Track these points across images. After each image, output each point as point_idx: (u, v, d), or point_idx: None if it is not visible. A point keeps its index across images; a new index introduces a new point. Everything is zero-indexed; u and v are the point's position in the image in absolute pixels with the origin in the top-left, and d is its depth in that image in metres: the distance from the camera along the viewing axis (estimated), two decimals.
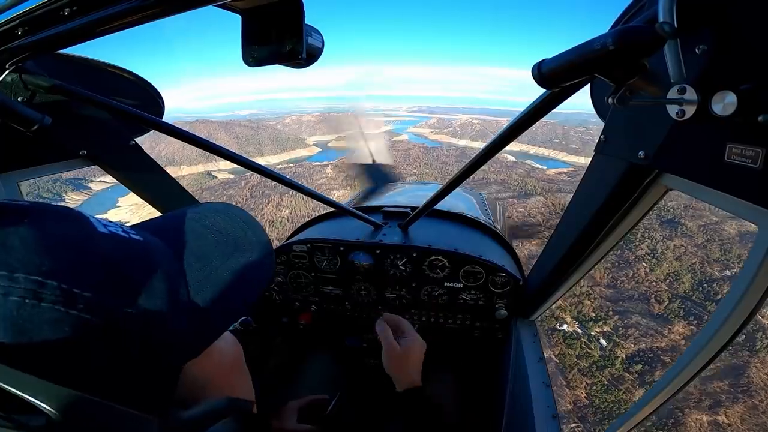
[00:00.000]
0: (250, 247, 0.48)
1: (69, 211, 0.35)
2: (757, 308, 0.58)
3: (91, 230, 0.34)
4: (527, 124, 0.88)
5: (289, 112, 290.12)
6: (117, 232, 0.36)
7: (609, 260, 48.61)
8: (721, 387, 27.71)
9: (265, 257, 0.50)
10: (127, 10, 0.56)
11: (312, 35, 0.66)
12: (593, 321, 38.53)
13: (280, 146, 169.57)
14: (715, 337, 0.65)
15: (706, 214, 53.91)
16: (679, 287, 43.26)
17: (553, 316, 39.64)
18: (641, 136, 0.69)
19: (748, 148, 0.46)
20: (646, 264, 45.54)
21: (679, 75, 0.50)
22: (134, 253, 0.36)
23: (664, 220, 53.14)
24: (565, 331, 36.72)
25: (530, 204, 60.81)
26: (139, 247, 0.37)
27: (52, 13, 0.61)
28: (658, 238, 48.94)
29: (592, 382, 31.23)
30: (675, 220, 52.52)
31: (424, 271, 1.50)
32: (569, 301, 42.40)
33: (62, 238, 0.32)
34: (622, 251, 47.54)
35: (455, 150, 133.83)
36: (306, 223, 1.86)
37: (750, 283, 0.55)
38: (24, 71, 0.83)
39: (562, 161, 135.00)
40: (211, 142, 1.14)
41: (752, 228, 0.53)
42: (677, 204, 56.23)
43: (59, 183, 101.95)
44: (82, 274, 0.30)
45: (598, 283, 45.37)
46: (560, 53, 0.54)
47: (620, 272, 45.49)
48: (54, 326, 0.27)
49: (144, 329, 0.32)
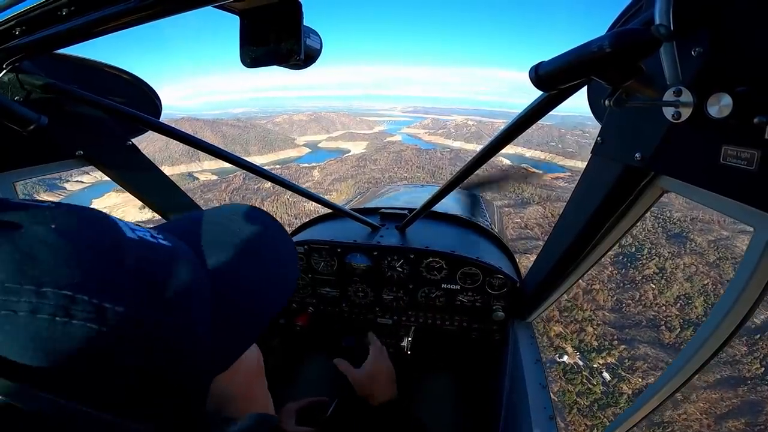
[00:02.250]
0: (275, 254, 0.46)
1: (97, 214, 0.33)
2: (753, 309, 0.59)
3: (120, 236, 0.32)
4: (524, 126, 0.88)
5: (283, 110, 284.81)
6: (145, 236, 0.34)
7: (613, 281, 44.00)
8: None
9: (290, 265, 0.48)
10: (126, 11, 0.55)
11: (310, 37, 0.66)
12: (596, 351, 34.29)
13: (267, 146, 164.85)
14: (711, 339, 0.66)
15: (716, 228, 49.92)
16: (692, 312, 39.36)
17: (552, 346, 35.04)
18: (637, 138, 0.69)
19: (744, 150, 0.46)
20: (655, 285, 41.45)
21: (675, 77, 0.50)
22: (164, 260, 0.34)
23: (671, 234, 49.18)
24: (566, 363, 32.65)
25: (528, 214, 56.92)
26: (168, 253, 0.35)
27: (49, 14, 0.60)
28: (666, 255, 44.91)
29: (593, 424, 27.28)
30: (683, 234, 48.60)
31: (421, 272, 1.50)
32: (570, 328, 37.74)
33: (92, 246, 0.29)
34: (627, 270, 43.36)
35: (449, 152, 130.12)
36: (303, 225, 1.84)
37: (746, 284, 0.56)
38: (21, 71, 0.83)
39: (558, 165, 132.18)
40: (209, 143, 1.13)
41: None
42: (683, 215, 52.15)
43: (30, 183, 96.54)
44: (114, 287, 0.28)
45: (601, 307, 40.98)
46: (557, 56, 0.54)
47: (626, 294, 41.27)
48: (86, 345, 0.25)
49: (176, 342, 0.30)
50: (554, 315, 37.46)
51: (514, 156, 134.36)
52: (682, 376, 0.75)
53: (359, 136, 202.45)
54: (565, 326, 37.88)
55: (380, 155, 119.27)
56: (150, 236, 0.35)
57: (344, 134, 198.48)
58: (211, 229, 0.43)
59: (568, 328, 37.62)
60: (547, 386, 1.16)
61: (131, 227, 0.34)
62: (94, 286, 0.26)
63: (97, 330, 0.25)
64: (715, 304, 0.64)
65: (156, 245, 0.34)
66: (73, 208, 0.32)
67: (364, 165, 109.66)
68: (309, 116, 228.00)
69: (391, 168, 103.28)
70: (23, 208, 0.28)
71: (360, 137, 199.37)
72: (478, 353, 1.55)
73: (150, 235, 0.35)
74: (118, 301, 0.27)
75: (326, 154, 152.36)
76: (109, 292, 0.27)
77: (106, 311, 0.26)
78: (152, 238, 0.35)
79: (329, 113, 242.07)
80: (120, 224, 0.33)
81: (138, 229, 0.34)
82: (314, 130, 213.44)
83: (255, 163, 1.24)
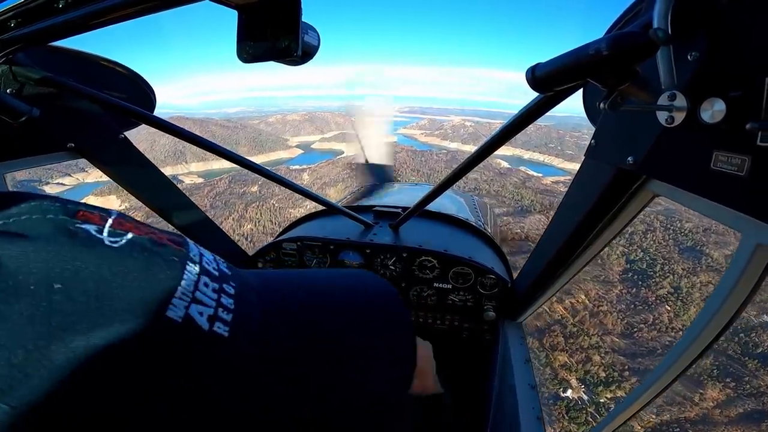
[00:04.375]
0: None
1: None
2: (739, 311, 0.60)
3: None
4: (520, 127, 0.89)
5: (279, 110, 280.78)
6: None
7: (623, 301, 39.65)
8: None
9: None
10: (123, 3, 0.55)
11: (308, 33, 0.66)
12: (603, 384, 30.14)
13: (257, 147, 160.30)
14: (698, 339, 0.67)
15: (732, 241, 45.96)
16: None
17: (555, 379, 30.62)
18: (631, 141, 0.70)
19: (735, 156, 0.46)
20: (670, 307, 37.41)
21: (670, 81, 0.51)
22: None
23: (683, 247, 45.32)
24: (569, 398, 28.53)
25: (528, 223, 53.06)
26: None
27: (46, 5, 0.60)
28: (681, 272, 40.99)
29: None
30: (696, 248, 44.75)
31: (413, 271, 1.50)
32: (576, 357, 33.25)
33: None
34: (639, 289, 39.29)
35: (445, 154, 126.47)
36: (297, 221, 1.84)
37: (733, 287, 0.57)
38: (14, 63, 0.83)
39: (557, 168, 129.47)
40: (204, 138, 1.12)
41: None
42: (694, 226, 48.26)
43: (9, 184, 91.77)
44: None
45: (609, 331, 36.76)
46: (554, 57, 0.54)
47: (638, 317, 37.18)
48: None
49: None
50: (559, 342, 33.34)
51: (512, 157, 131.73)
52: (670, 375, 0.76)
53: (353, 136, 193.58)
54: (570, 355, 33.67)
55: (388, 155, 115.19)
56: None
57: (338, 135, 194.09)
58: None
59: (574, 357, 33.49)
60: (536, 386, 1.17)
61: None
62: None
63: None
64: (703, 305, 0.65)
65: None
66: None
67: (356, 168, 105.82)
68: (303, 116, 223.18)
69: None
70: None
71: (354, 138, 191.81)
72: (469, 353, 1.54)
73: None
74: None
75: (319, 155, 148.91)
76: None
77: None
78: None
79: (324, 113, 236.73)
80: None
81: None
82: (308, 130, 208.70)
83: (246, 158, 1.22)
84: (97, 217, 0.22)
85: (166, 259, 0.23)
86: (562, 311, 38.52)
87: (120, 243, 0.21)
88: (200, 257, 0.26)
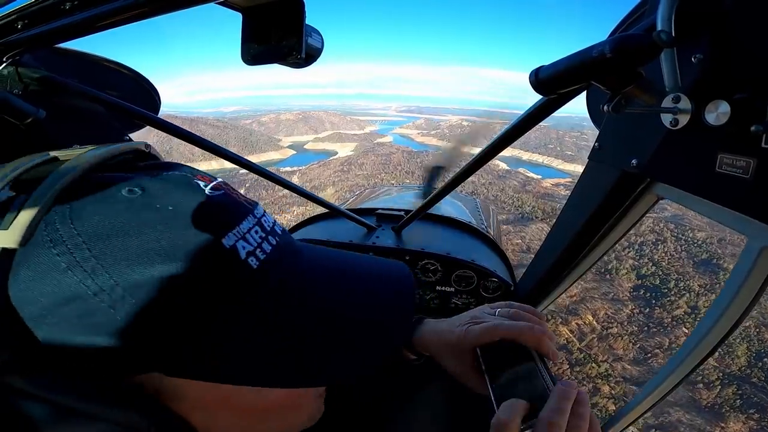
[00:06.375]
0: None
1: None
2: (744, 315, 0.60)
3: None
4: (522, 130, 0.89)
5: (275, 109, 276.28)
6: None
7: (635, 322, 35.55)
8: None
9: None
10: (129, 5, 0.55)
11: (312, 35, 0.66)
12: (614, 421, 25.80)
13: (247, 148, 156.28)
14: (701, 345, 0.68)
15: None
16: (733, 363, 31.80)
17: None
18: (634, 144, 0.69)
19: (739, 158, 0.46)
20: (688, 329, 33.67)
21: (674, 84, 0.51)
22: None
23: (698, 260, 41.66)
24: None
25: (530, 233, 49.44)
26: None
27: (52, 7, 0.60)
28: (697, 290, 37.34)
29: None
30: (712, 260, 41.10)
31: (416, 274, 1.49)
32: (582, 388, 28.76)
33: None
34: (652, 309, 35.53)
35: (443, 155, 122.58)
36: (299, 224, 1.83)
37: (737, 291, 0.57)
38: (20, 64, 0.84)
39: (557, 169, 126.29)
40: (209, 141, 1.13)
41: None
42: (708, 236, 44.54)
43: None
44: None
45: (620, 357, 32.82)
46: (557, 60, 0.54)
47: (652, 340, 33.45)
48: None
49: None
50: (564, 372, 29.48)
51: (511, 158, 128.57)
52: (676, 377, 0.76)
53: (348, 136, 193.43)
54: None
55: (367, 158, 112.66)
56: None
57: (332, 135, 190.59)
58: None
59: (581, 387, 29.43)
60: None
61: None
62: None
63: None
64: (707, 309, 0.66)
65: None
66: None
67: (348, 170, 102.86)
68: (297, 115, 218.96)
69: (378, 173, 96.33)
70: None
71: (349, 138, 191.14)
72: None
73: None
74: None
75: (312, 156, 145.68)
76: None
77: None
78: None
79: (318, 112, 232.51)
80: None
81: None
82: (302, 130, 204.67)
83: (247, 159, 1.22)
84: (208, 179, 0.36)
85: (237, 209, 0.35)
86: (567, 334, 34.51)
87: (214, 194, 0.34)
88: (262, 215, 0.38)
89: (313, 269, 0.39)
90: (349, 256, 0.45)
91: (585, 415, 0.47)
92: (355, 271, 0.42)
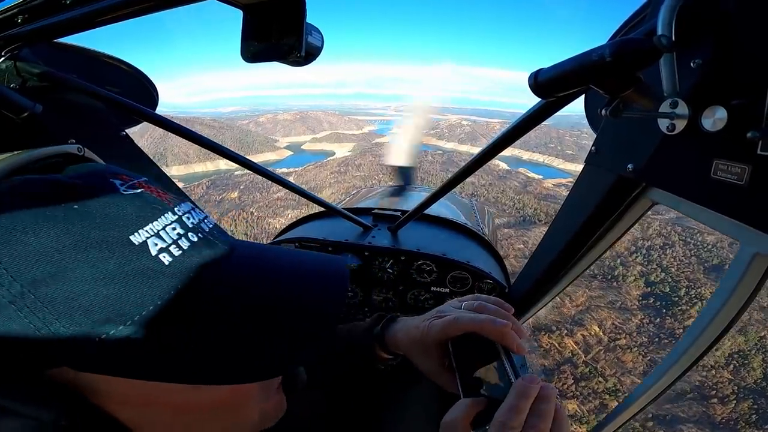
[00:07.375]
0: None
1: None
2: (735, 320, 0.61)
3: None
4: (522, 132, 0.90)
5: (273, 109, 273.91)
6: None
7: (645, 332, 33.54)
8: None
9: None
10: (129, 1, 0.56)
11: (312, 34, 0.67)
12: None
13: (243, 149, 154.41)
14: (692, 348, 0.68)
15: None
16: (748, 376, 29.98)
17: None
18: (631, 148, 0.70)
19: (735, 164, 0.46)
20: None
21: (672, 89, 0.51)
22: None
23: (708, 266, 39.79)
24: None
25: (532, 237, 47.55)
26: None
27: (53, 2, 0.61)
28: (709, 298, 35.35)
29: None
30: (723, 266, 39.27)
31: (411, 275, 1.51)
32: (588, 405, 27.38)
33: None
34: (663, 318, 33.64)
35: (441, 155, 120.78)
36: (295, 222, 1.83)
37: (729, 296, 0.58)
38: (19, 58, 0.84)
39: (558, 169, 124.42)
40: (205, 137, 1.13)
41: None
42: (717, 239, 42.66)
43: None
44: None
45: (628, 370, 30.85)
46: (557, 63, 0.55)
47: (663, 352, 31.46)
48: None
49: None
50: (569, 387, 27.50)
51: (511, 158, 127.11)
52: (668, 379, 0.77)
53: (346, 137, 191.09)
54: (581, 402, 27.78)
55: (364, 159, 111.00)
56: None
57: (330, 135, 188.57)
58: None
59: (586, 404, 27.73)
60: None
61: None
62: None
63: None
64: (699, 313, 0.67)
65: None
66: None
67: (345, 171, 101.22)
68: (295, 115, 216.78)
69: (375, 174, 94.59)
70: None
71: (347, 138, 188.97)
72: None
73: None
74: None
75: (309, 156, 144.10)
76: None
77: None
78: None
79: (317, 112, 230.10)
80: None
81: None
82: (299, 130, 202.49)
83: (246, 158, 1.22)
84: (126, 178, 0.37)
85: (152, 206, 0.35)
86: (572, 346, 32.56)
87: (127, 192, 0.34)
88: (186, 212, 0.38)
89: (241, 265, 0.39)
90: (285, 252, 0.45)
91: (546, 413, 0.45)
92: (288, 266, 0.42)
